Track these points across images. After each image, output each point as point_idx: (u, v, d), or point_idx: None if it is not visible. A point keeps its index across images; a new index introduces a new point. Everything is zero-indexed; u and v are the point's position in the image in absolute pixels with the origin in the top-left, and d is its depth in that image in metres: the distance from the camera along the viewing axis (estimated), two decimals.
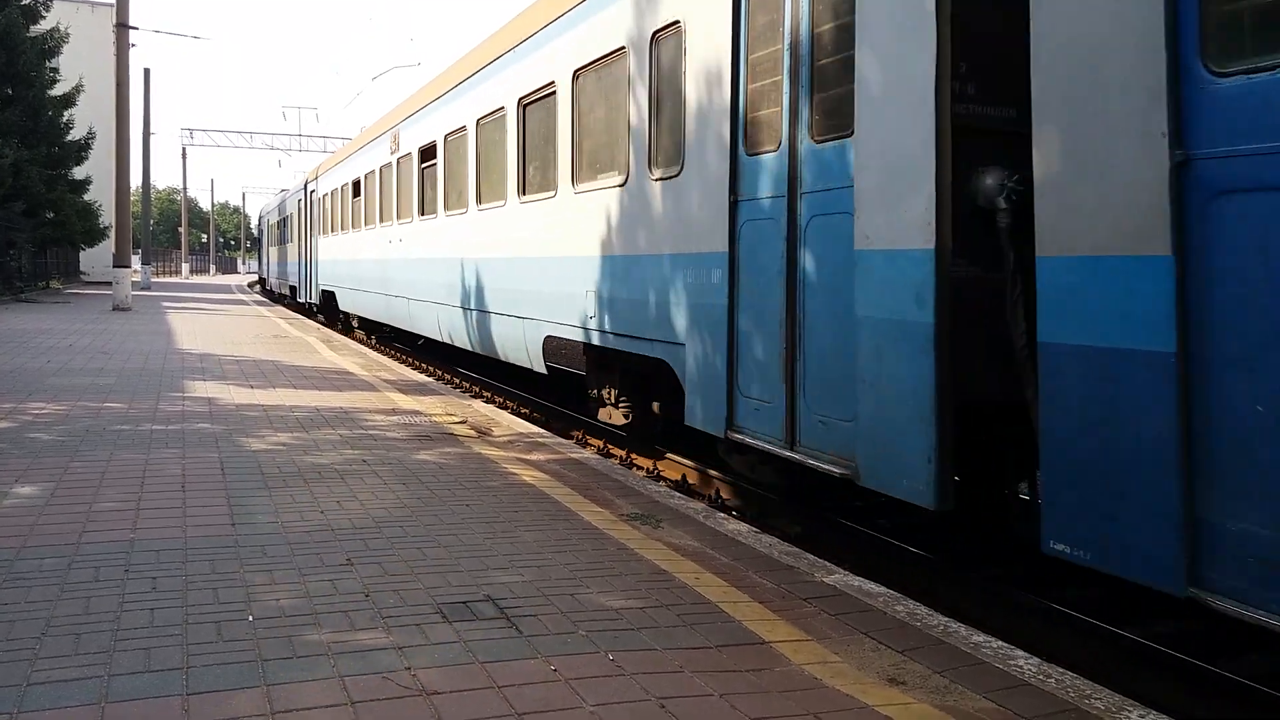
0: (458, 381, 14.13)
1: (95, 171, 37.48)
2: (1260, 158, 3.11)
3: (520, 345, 9.83)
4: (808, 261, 5.29)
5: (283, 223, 33.98)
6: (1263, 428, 3.10)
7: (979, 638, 3.65)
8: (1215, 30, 3.29)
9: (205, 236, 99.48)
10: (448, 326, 12.64)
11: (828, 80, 5.23)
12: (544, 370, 9.33)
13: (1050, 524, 3.80)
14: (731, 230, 6.00)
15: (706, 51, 6.28)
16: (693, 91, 6.45)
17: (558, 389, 11.22)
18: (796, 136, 5.42)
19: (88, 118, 36.00)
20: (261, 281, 47.84)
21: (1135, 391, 3.46)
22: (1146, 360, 3.41)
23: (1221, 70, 3.24)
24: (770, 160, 5.66)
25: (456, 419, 8.34)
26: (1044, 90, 3.82)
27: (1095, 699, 3.12)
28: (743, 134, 5.95)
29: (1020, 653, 3.52)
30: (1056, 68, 3.77)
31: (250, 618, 3.53)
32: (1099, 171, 3.61)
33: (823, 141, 5.22)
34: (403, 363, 15.41)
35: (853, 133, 4.90)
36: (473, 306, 11.39)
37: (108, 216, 33.50)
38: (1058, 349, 3.76)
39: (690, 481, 7.71)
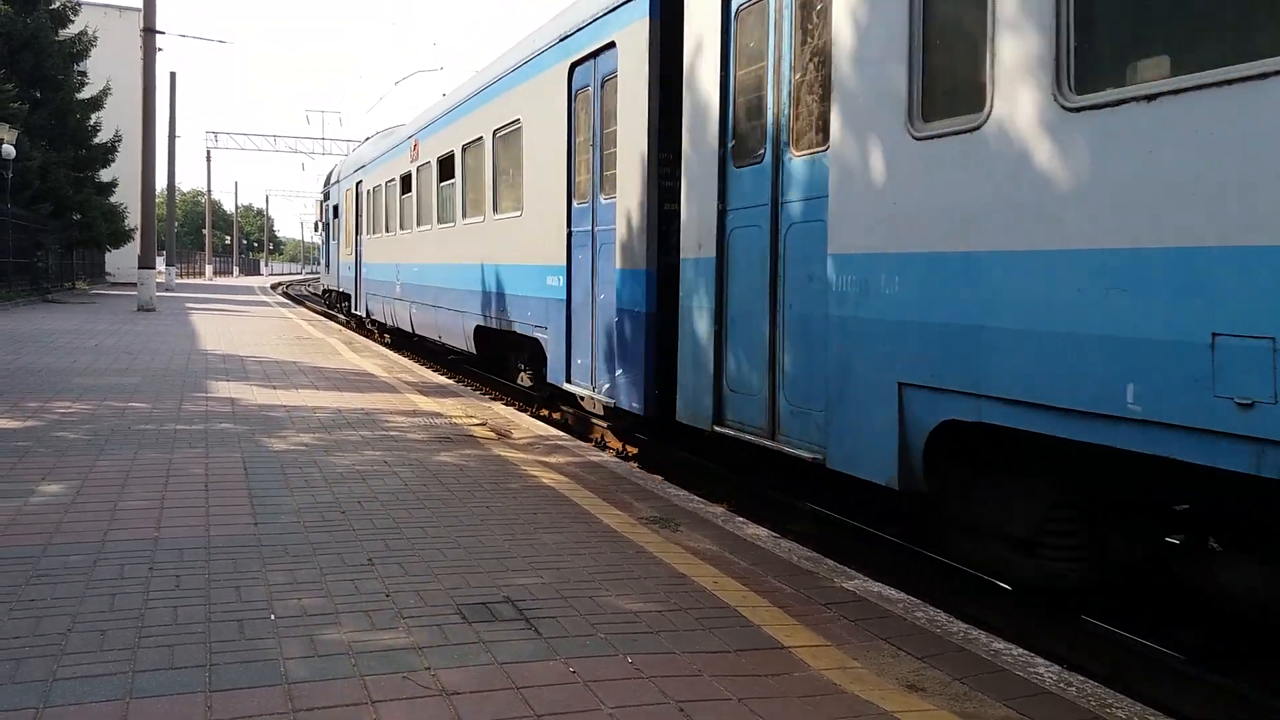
0: (478, 384, 14.19)
1: (122, 174, 37.87)
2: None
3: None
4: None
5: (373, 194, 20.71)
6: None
7: (999, 645, 3.63)
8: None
9: (229, 238, 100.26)
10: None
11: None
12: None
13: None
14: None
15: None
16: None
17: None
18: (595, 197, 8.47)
19: (114, 120, 36.44)
20: (328, 297, 31.31)
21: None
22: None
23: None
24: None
25: (476, 421, 8.37)
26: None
27: (1116, 708, 3.10)
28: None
29: (1040, 660, 3.50)
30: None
31: (272, 616, 3.55)
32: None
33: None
34: (423, 365, 15.48)
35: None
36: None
37: (133, 218, 33.92)
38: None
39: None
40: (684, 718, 2.89)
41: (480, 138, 12.03)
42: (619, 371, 7.77)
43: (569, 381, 8.95)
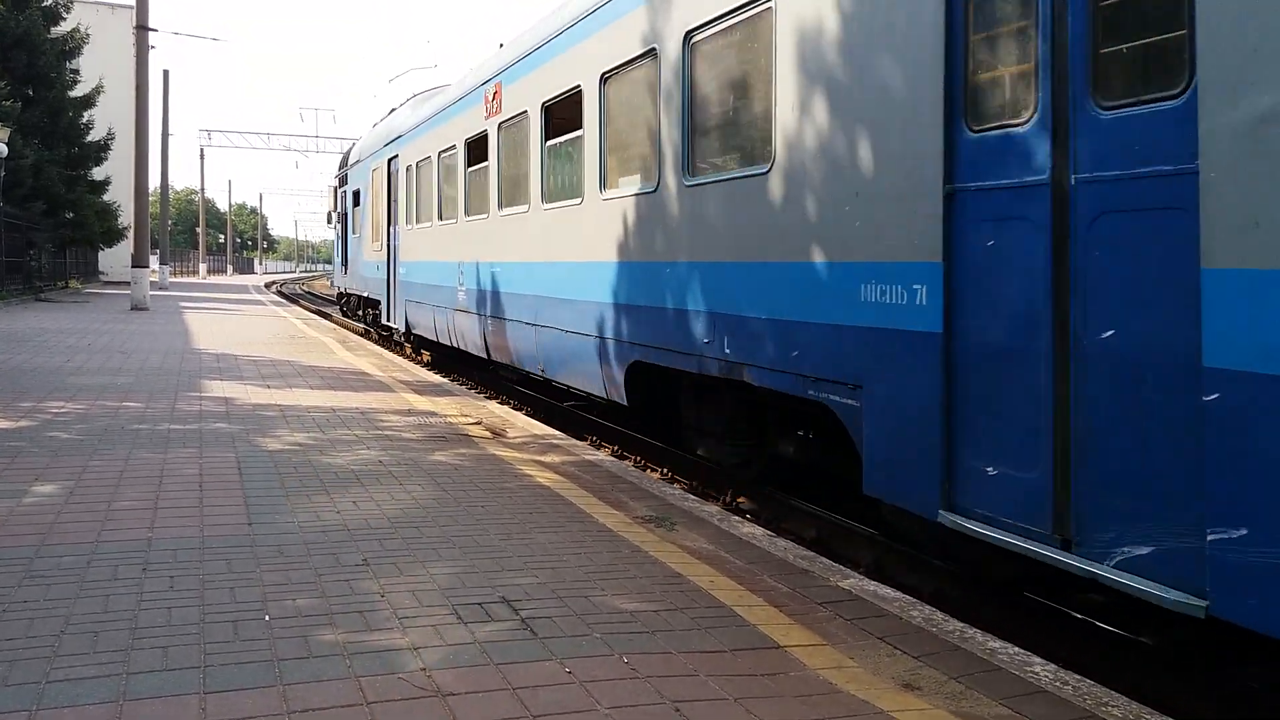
0: (473, 383, 14.16)
1: (114, 172, 37.78)
2: None
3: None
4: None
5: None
6: None
7: (995, 643, 3.63)
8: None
9: (222, 237, 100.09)
10: None
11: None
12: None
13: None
14: None
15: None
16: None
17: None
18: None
19: (107, 119, 36.32)
20: (345, 303, 26.37)
21: None
22: None
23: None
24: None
25: (471, 420, 8.36)
26: None
27: (1112, 706, 3.10)
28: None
29: (1037, 659, 3.50)
30: None
31: (267, 617, 3.54)
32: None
33: None
34: (418, 364, 15.45)
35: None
36: None
37: (126, 217, 33.75)
38: None
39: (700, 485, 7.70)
40: (680, 718, 2.88)
41: (653, 51, 7.24)
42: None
43: (977, 520, 4.34)
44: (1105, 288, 3.71)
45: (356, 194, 21.76)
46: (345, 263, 24.05)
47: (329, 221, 27.77)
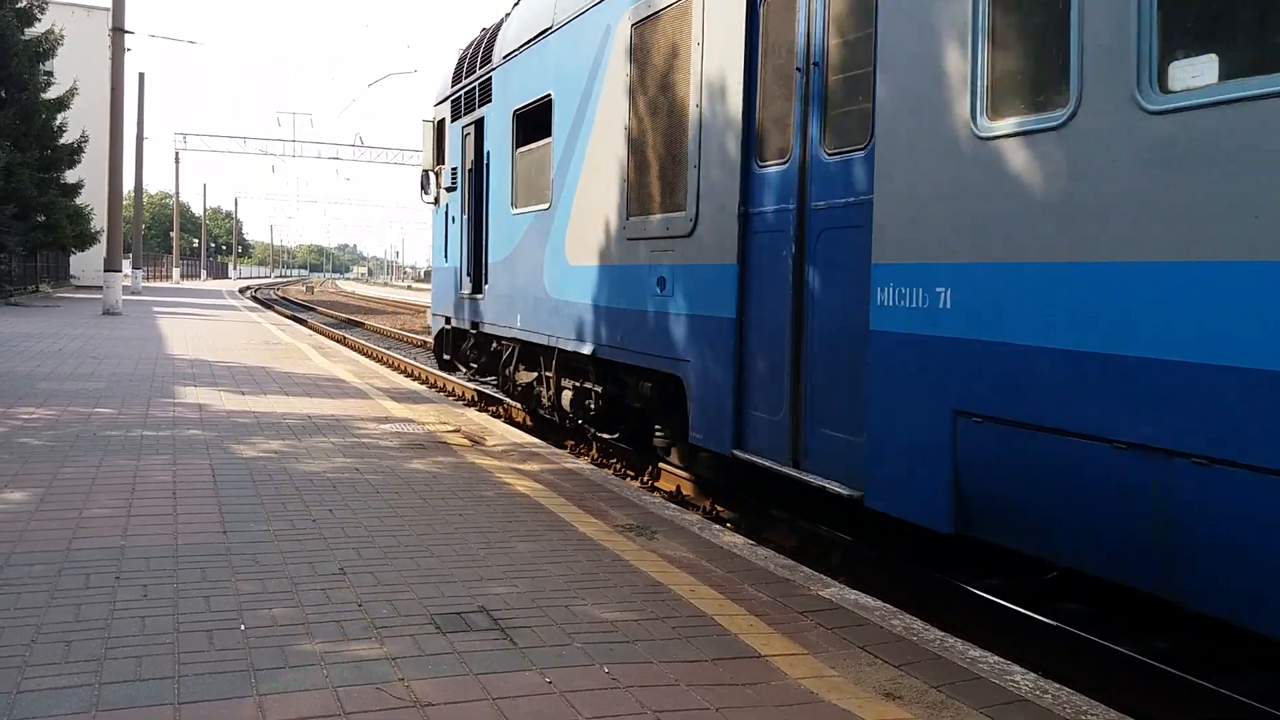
0: (451, 388, 14.09)
1: (88, 175, 37.34)
2: None
3: None
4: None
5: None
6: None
7: (975, 653, 3.64)
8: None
9: (196, 241, 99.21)
10: None
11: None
12: None
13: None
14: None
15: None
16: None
17: None
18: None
19: (81, 121, 35.94)
20: (458, 348, 12.24)
21: None
22: None
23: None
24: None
25: (450, 428, 8.31)
26: None
27: (1091, 714, 3.12)
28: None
29: (1017, 668, 3.51)
30: None
31: (242, 626, 3.49)
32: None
33: None
34: (395, 371, 15.37)
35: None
36: None
37: (99, 220, 33.41)
38: None
39: (685, 493, 7.69)
40: None
41: None
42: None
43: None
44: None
45: (523, 119, 9.61)
46: (477, 270, 11.10)
47: (424, 190, 12.58)
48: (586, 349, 7.90)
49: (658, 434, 7.61)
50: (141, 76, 44.76)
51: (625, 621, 3.74)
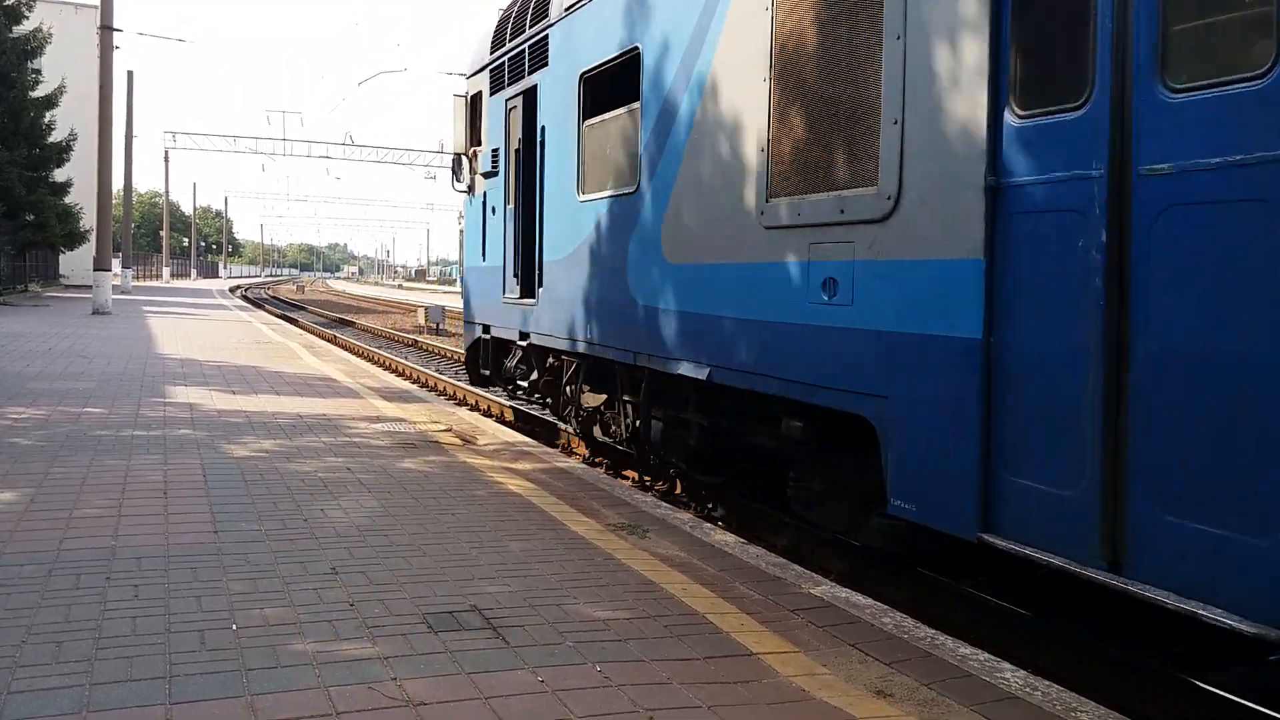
0: (443, 387, 14.08)
1: (76, 174, 37.18)
2: None
3: None
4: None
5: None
6: None
7: (966, 650, 3.66)
8: None
9: (186, 240, 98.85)
10: None
11: None
12: None
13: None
14: None
15: None
16: None
17: None
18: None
19: (70, 120, 35.76)
20: (515, 365, 9.82)
21: None
22: None
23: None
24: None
25: (441, 427, 8.31)
26: None
27: (1081, 712, 3.14)
28: None
29: (1007, 665, 3.53)
30: None
31: (234, 626, 3.49)
32: None
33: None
34: (386, 369, 15.35)
35: None
36: None
37: (88, 219, 33.24)
38: None
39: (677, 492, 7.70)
40: None
41: None
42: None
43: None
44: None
45: (620, 70, 7.40)
46: (528, 270, 9.27)
47: (456, 177, 11.00)
48: (697, 371, 6.08)
49: (793, 482, 5.79)
50: (130, 74, 44.53)
51: (617, 620, 3.75)
